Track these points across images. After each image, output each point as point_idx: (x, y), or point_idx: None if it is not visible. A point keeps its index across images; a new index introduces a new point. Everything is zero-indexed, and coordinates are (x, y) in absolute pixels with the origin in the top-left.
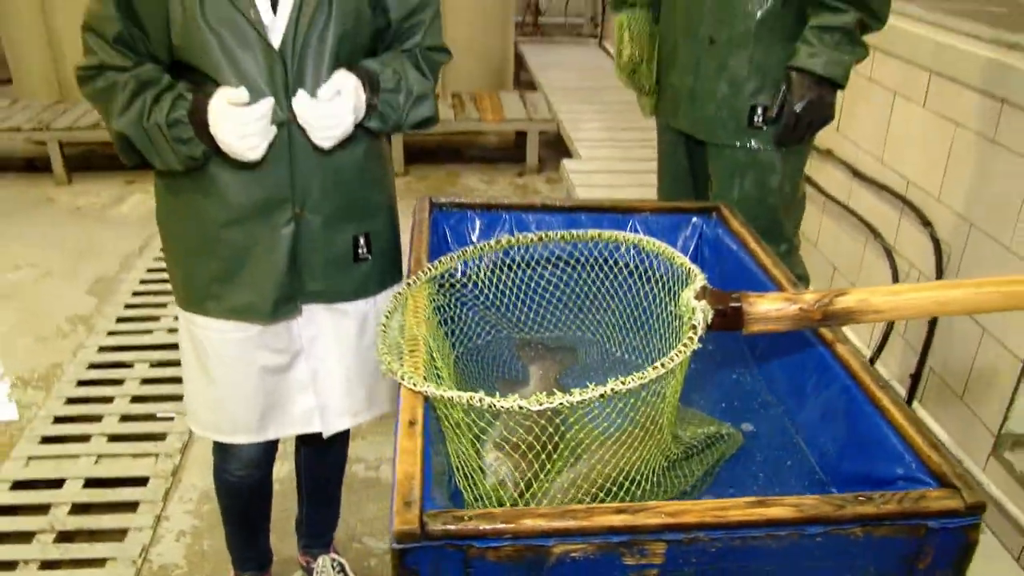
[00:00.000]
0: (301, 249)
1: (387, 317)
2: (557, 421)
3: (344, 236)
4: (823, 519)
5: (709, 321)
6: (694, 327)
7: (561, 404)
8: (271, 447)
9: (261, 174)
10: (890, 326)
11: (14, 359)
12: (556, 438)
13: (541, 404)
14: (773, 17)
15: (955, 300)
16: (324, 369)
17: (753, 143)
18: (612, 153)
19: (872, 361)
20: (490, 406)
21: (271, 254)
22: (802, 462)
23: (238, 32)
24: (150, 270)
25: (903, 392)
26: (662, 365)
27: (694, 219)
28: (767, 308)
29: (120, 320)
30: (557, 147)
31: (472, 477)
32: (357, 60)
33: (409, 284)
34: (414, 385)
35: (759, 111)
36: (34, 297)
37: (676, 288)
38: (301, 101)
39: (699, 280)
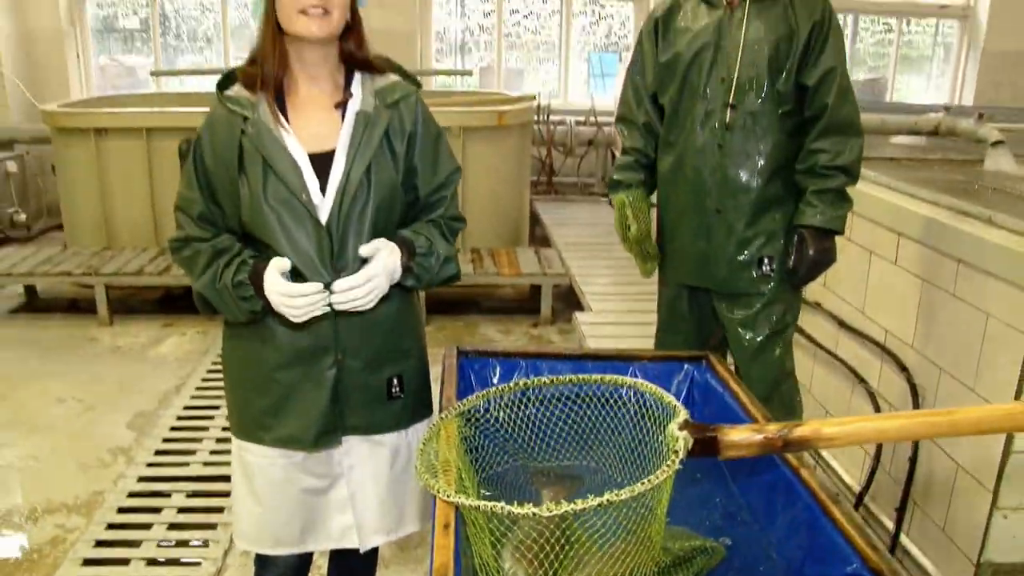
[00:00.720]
0: (342, 389)
1: (424, 444)
2: (564, 526)
3: (380, 377)
4: None
5: (689, 448)
6: (676, 452)
7: (566, 511)
8: (307, 560)
9: (309, 327)
10: (876, 463)
11: (58, 485)
12: (563, 542)
13: (551, 511)
14: (766, 190)
15: (891, 428)
16: (361, 492)
17: (762, 288)
18: (619, 305)
19: (861, 496)
20: (509, 513)
21: (315, 393)
22: (773, 569)
23: (293, 211)
24: (187, 407)
25: (891, 526)
26: (649, 481)
27: (686, 366)
28: (737, 437)
29: (158, 453)
30: (569, 299)
31: None
32: (391, 229)
33: (442, 418)
34: (448, 496)
35: (765, 261)
36: (77, 429)
37: (667, 423)
38: (338, 299)
39: (682, 415)
